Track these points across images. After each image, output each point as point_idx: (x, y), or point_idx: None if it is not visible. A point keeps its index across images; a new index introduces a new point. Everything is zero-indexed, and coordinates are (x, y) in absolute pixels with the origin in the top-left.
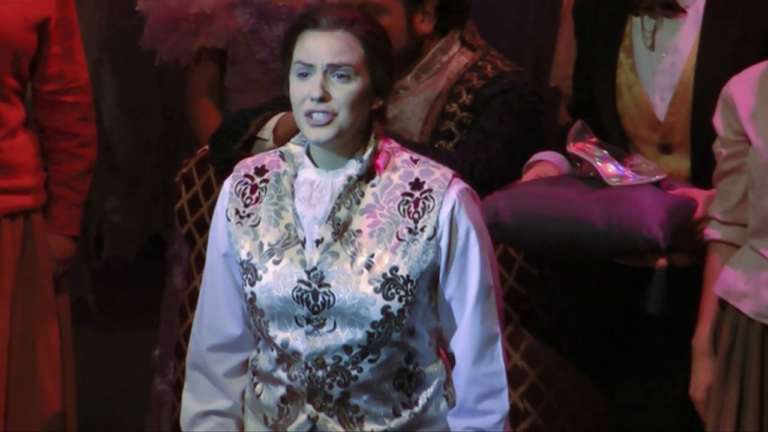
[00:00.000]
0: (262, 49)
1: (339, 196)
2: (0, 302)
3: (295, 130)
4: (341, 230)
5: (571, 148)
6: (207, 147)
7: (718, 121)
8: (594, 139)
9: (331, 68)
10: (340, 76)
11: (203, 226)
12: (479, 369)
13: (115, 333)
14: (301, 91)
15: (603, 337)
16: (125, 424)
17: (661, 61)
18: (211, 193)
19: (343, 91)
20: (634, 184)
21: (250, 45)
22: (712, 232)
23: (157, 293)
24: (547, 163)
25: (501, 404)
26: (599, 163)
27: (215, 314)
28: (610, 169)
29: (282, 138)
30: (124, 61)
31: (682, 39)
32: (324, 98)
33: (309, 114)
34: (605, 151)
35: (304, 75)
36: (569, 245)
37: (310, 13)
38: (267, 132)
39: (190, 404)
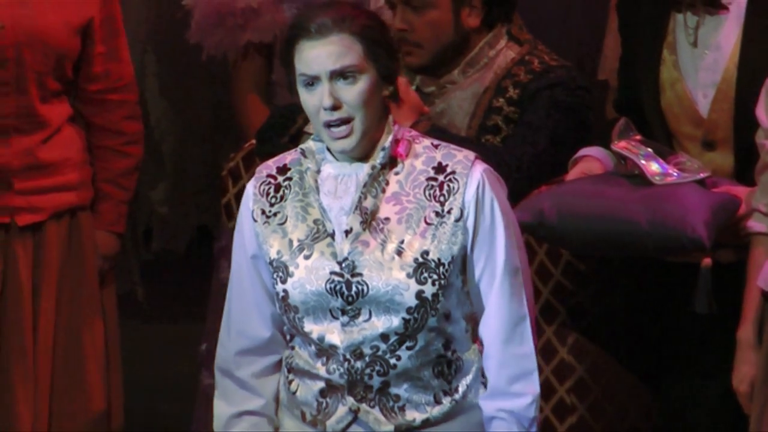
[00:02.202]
0: None
1: (364, 185)
2: (45, 299)
3: None
4: (369, 219)
5: (616, 146)
6: (254, 141)
7: (762, 112)
8: (638, 137)
9: (335, 74)
10: (346, 79)
11: None
12: (509, 350)
13: (164, 325)
14: (312, 101)
15: (649, 331)
16: (172, 416)
17: (704, 57)
18: None
19: (352, 93)
20: (678, 182)
21: None
22: (756, 224)
23: (205, 286)
24: (592, 159)
25: (532, 386)
26: (643, 161)
27: (244, 318)
28: (653, 167)
29: None
30: (171, 54)
31: (724, 36)
32: (336, 106)
33: (327, 126)
34: (649, 149)
35: (310, 85)
36: (613, 245)
37: (300, 22)
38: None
39: (221, 409)
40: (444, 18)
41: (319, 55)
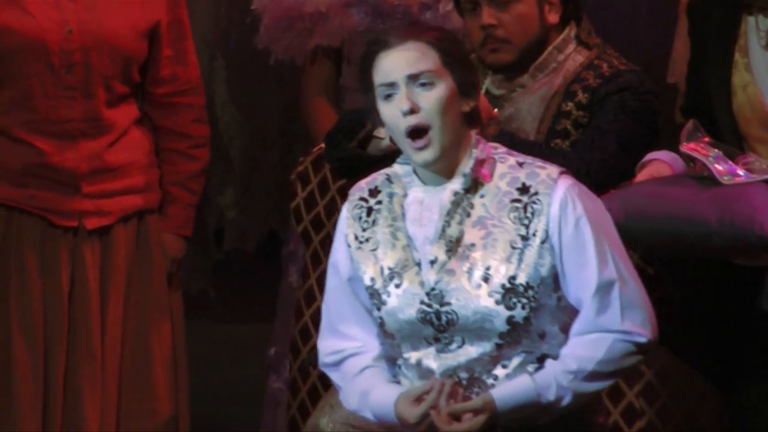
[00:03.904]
0: None
1: (448, 213)
2: (113, 302)
3: None
4: (454, 246)
5: (684, 148)
6: (323, 145)
7: None
8: (706, 139)
9: (412, 79)
10: (423, 84)
11: (319, 224)
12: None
13: (233, 327)
14: (391, 111)
15: (719, 335)
16: (240, 419)
17: None
18: (327, 191)
19: (429, 99)
20: (747, 182)
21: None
22: None
23: (274, 289)
24: (660, 162)
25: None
26: (712, 162)
27: (342, 323)
28: (722, 167)
29: None
30: (240, 58)
31: None
32: (413, 109)
33: (409, 135)
34: (718, 151)
35: (389, 96)
36: (682, 244)
37: (377, 38)
38: (383, 131)
39: (350, 396)
40: (530, 12)
41: (396, 61)
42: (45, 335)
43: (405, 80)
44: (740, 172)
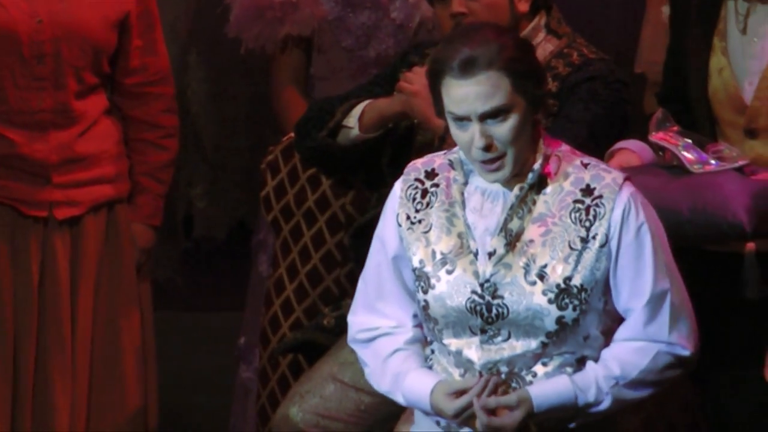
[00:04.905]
0: (347, 37)
1: (511, 207)
2: (84, 293)
3: (381, 118)
4: (513, 241)
5: (653, 137)
6: (292, 134)
7: None
8: (676, 128)
9: (485, 115)
10: (496, 118)
11: (289, 213)
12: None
13: (202, 315)
14: (464, 137)
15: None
16: (209, 408)
17: (752, 45)
18: (296, 180)
19: (503, 131)
20: (717, 170)
21: (336, 33)
22: None
23: (244, 278)
24: (629, 151)
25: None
26: (682, 151)
27: (380, 300)
28: (692, 156)
29: (367, 125)
30: (210, 48)
31: None
32: (489, 146)
33: (479, 162)
34: (687, 140)
35: (460, 121)
36: None
37: (445, 59)
38: (353, 120)
39: (381, 377)
40: (501, 0)
41: (467, 95)
42: (15, 325)
43: (477, 116)
44: (711, 160)
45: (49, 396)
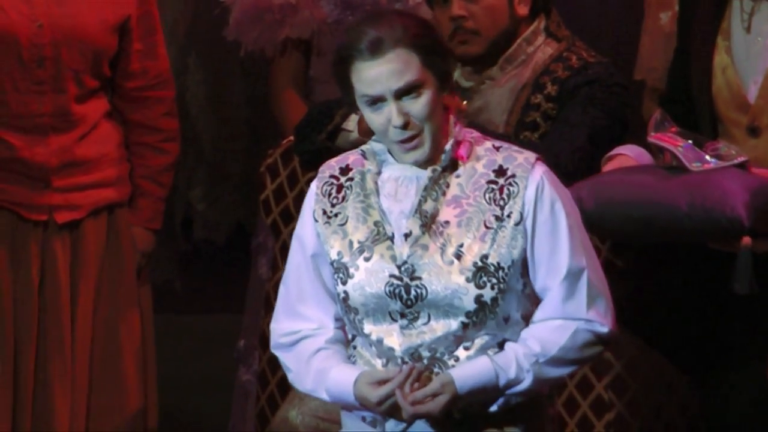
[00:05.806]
0: None
1: (425, 189)
2: (84, 296)
3: None
4: (429, 222)
5: (652, 138)
6: (292, 137)
7: None
8: (674, 129)
9: (399, 92)
10: (410, 94)
11: (288, 217)
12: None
13: (202, 318)
14: (379, 120)
15: (690, 323)
16: (208, 411)
17: (756, 44)
18: (296, 183)
19: (418, 107)
20: (716, 168)
21: (335, 35)
22: None
23: (243, 281)
24: (626, 156)
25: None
26: (681, 151)
27: (300, 303)
28: (691, 156)
29: (367, 129)
30: (210, 51)
31: None
32: (407, 123)
33: (398, 142)
34: (686, 140)
35: (374, 104)
36: (653, 229)
37: (351, 42)
38: (352, 123)
39: (304, 377)
40: (500, 4)
41: (380, 74)
42: (15, 329)
43: (392, 94)
44: (710, 159)
45: (50, 398)
